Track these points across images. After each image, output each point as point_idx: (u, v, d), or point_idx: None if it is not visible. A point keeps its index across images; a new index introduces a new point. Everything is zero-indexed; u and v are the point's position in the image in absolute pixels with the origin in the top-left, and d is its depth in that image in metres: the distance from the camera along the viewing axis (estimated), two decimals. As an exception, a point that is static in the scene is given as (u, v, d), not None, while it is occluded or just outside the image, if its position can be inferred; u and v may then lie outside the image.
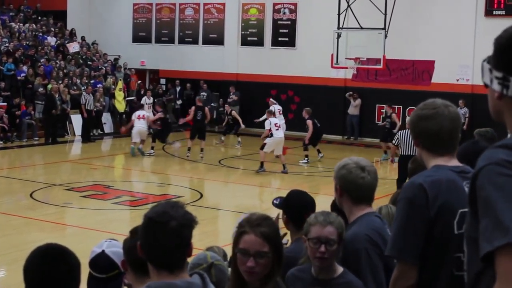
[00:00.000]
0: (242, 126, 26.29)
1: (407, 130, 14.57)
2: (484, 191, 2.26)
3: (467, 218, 2.50)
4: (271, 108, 24.33)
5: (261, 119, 24.81)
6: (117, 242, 4.04)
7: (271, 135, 20.31)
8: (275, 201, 4.94)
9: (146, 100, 28.28)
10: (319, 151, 23.47)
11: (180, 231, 2.93)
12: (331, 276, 3.84)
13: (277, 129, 20.36)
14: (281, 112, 25.41)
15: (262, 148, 20.26)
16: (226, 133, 27.07)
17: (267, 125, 20.71)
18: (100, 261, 3.99)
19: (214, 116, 30.33)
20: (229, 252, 3.86)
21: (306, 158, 22.92)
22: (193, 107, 23.44)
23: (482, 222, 2.24)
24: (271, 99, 26.63)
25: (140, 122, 23.30)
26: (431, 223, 3.32)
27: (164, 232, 2.90)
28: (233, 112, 27.03)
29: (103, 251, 4.02)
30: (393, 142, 15.99)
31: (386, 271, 3.93)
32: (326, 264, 3.81)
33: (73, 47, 31.43)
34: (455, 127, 3.48)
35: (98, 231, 13.22)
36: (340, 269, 3.85)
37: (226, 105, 28.03)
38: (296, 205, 4.76)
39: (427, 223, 3.32)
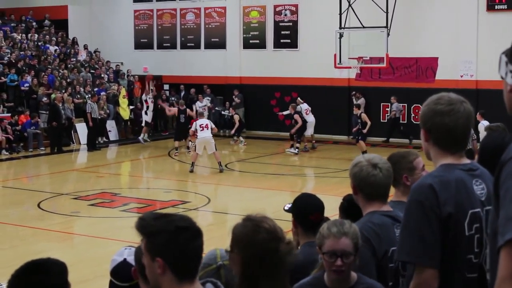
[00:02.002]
0: (233, 131, 27.42)
1: None
2: (506, 184, 2.22)
3: (491, 212, 2.43)
4: (299, 107, 25.23)
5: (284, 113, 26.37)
6: None
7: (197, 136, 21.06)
8: (286, 206, 4.92)
9: (199, 104, 29.14)
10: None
11: (201, 238, 2.89)
12: (347, 285, 3.71)
13: (202, 130, 20.80)
14: (308, 112, 25.44)
15: (194, 149, 21.17)
16: (235, 135, 27.75)
17: (193, 126, 21.36)
18: (123, 269, 3.94)
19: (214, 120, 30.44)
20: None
21: (296, 148, 23.89)
22: (175, 109, 25.72)
23: (500, 215, 2.20)
24: (298, 98, 26.47)
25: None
26: (443, 224, 3.22)
27: (192, 239, 2.84)
28: (235, 116, 27.22)
29: (124, 259, 3.98)
30: None
31: (379, 269, 3.88)
32: (343, 276, 3.68)
33: (82, 55, 31.67)
34: (469, 125, 3.37)
35: (106, 239, 13.20)
36: (355, 276, 3.73)
37: (230, 108, 28.21)
38: (302, 207, 4.74)
39: (440, 224, 3.21)
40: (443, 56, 26.78)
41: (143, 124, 28.01)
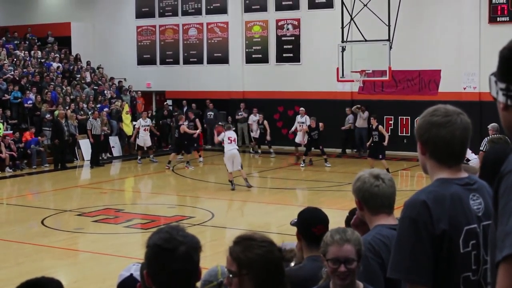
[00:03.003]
0: (269, 138, 27.98)
1: None
2: (505, 198, 2.19)
3: (491, 225, 2.40)
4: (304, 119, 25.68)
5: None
6: None
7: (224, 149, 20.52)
8: (293, 220, 4.95)
9: (299, 118, 27.67)
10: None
11: (190, 256, 2.85)
12: None
13: (230, 143, 20.15)
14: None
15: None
16: (259, 145, 28.65)
17: (220, 136, 20.78)
18: (129, 284, 3.96)
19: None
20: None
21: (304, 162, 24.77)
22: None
23: (498, 229, 2.18)
24: (301, 108, 26.59)
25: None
26: (437, 241, 3.13)
27: (175, 258, 2.81)
28: (265, 122, 27.61)
29: (131, 274, 4.00)
30: (481, 148, 15.66)
31: (388, 282, 3.77)
32: (347, 281, 3.72)
33: (87, 76, 31.81)
34: (467, 137, 3.27)
35: (111, 255, 13.16)
36: (360, 285, 3.76)
37: (260, 115, 28.32)
38: (305, 219, 4.78)
39: (433, 242, 3.12)
40: (446, 69, 26.81)
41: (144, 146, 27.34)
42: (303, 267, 4.45)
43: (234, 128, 21.06)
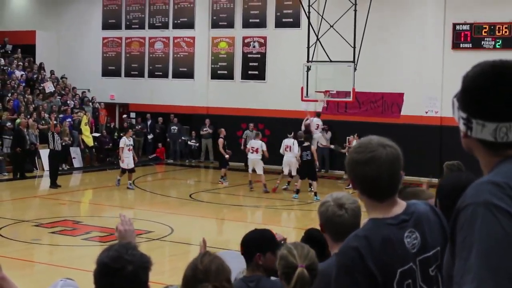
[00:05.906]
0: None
1: None
2: (463, 233, 2.18)
3: (446, 255, 2.40)
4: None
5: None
6: (72, 282, 3.98)
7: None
8: None
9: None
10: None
11: (138, 275, 2.82)
12: None
13: (252, 152, 23.12)
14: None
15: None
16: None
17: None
18: None
19: (180, 149, 30.56)
20: None
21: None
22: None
23: (456, 264, 2.19)
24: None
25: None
26: (373, 285, 3.03)
27: (121, 278, 2.78)
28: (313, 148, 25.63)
29: None
30: None
31: None
32: None
33: (48, 87, 31.00)
34: (395, 170, 3.17)
35: (67, 267, 13.01)
36: None
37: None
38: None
39: (372, 284, 3.01)
40: (408, 92, 27.07)
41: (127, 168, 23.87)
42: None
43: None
